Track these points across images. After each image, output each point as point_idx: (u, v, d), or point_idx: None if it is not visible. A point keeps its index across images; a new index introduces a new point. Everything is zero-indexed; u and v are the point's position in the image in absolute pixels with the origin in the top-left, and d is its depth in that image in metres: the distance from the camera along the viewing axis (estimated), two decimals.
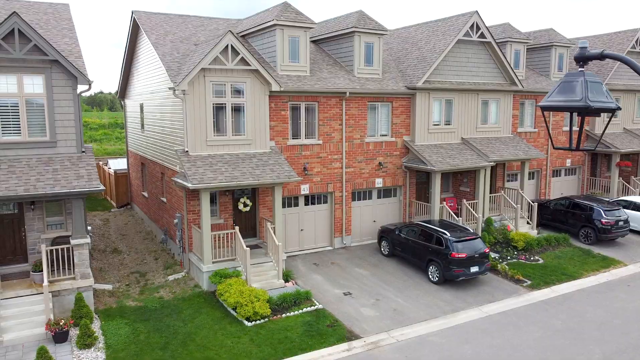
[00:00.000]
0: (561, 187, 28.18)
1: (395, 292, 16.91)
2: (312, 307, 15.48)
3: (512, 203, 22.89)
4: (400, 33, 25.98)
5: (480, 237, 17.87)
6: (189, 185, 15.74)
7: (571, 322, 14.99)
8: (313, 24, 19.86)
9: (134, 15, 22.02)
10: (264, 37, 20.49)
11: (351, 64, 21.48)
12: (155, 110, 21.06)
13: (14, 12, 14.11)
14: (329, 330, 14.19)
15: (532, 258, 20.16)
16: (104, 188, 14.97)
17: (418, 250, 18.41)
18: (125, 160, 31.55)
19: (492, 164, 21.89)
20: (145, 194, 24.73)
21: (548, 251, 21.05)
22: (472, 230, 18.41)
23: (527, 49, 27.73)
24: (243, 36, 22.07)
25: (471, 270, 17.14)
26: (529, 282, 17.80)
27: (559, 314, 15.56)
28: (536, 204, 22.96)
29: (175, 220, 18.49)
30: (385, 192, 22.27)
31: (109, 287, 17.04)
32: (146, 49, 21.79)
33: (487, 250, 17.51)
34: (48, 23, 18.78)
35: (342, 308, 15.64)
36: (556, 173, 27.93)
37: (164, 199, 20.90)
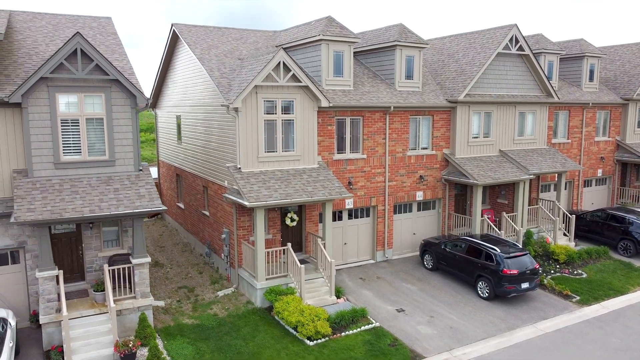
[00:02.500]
0: (592, 197, 28.25)
1: (447, 308, 16.96)
2: (370, 325, 15.53)
3: (551, 215, 22.95)
4: (434, 44, 26.02)
5: (528, 252, 17.93)
6: (246, 203, 15.78)
7: (630, 341, 15.05)
8: (357, 39, 19.90)
9: (173, 27, 22.06)
10: (306, 51, 20.53)
11: (391, 77, 21.52)
12: (198, 124, 21.10)
13: (77, 32, 14.14)
14: (392, 350, 14.24)
15: (575, 272, 20.23)
16: (166, 208, 15.01)
17: (465, 266, 18.46)
18: (155, 169, 31.59)
19: (532, 177, 21.96)
20: (181, 205, 24.76)
21: (589, 264, 21.12)
22: (519, 246, 18.46)
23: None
24: (284, 49, 22.06)
25: (522, 287, 17.20)
26: (578, 298, 17.86)
27: (615, 331, 15.62)
28: (574, 216, 23.03)
29: (223, 236, 18.53)
30: (425, 205, 22.33)
31: (161, 303, 17.09)
32: (186, 62, 21.82)
33: (537, 267, 17.57)
34: (95, 38, 18.81)
35: (398, 325, 15.69)
36: (587, 183, 28.00)
37: (206, 213, 20.93)
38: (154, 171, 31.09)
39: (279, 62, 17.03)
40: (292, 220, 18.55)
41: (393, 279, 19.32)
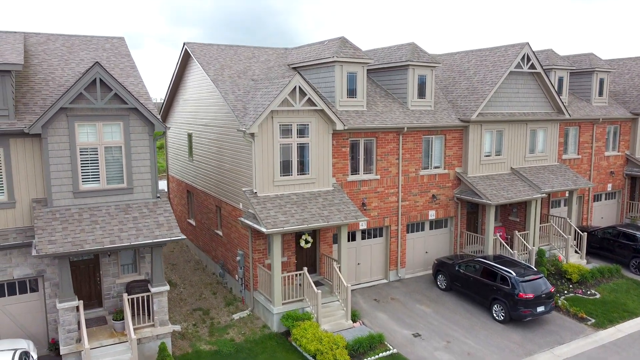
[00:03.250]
0: (601, 211, 28.27)
1: (463, 332, 16.98)
2: (388, 352, 15.56)
3: (563, 234, 22.97)
4: (444, 60, 26.04)
5: (543, 275, 17.95)
6: (264, 230, 15.80)
7: None
8: (370, 60, 19.92)
9: (186, 46, 22.07)
10: (319, 70, 20.55)
11: (404, 96, 21.55)
12: (210, 144, 21.12)
13: (96, 62, 14.16)
14: None
15: (588, 292, 20.25)
16: (185, 237, 15.04)
17: (480, 288, 18.48)
18: (164, 182, 31.60)
19: (544, 195, 21.98)
20: (192, 222, 24.78)
21: (602, 283, 21.14)
22: (533, 268, 18.49)
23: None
24: (294, 68, 22.14)
25: (537, 310, 17.22)
26: (593, 321, 17.89)
27: (632, 357, 15.64)
28: (586, 234, 23.05)
29: (238, 258, 18.55)
30: (437, 223, 22.35)
31: (178, 328, 17.10)
32: (199, 81, 21.83)
33: (553, 290, 17.59)
34: (109, 61, 18.84)
35: (416, 352, 15.71)
36: (597, 198, 28.02)
37: (219, 232, 20.95)
38: (162, 184, 31.10)
39: (295, 87, 17.04)
40: (307, 242, 18.57)
41: (407, 300, 19.35)
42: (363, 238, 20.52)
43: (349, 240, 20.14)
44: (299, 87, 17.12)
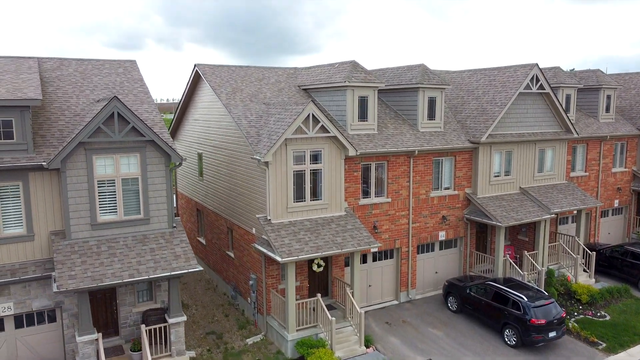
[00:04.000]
0: (609, 227, 28.40)
1: (476, 357, 17.10)
2: None
3: (572, 253, 23.11)
4: (452, 78, 26.16)
5: (554, 301, 18.09)
6: (279, 259, 15.94)
7: None
8: (381, 84, 20.05)
9: (197, 68, 22.19)
10: (331, 94, 20.69)
11: (414, 118, 21.68)
12: (221, 166, 21.25)
13: (115, 96, 14.29)
14: None
15: (598, 313, 20.39)
16: (202, 269, 15.18)
17: (491, 312, 18.62)
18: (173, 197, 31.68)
19: (553, 216, 22.12)
20: (202, 240, 24.92)
21: (612, 304, 21.27)
22: (545, 293, 18.62)
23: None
24: (305, 89, 22.28)
25: (549, 336, 17.35)
26: (604, 345, 18.02)
27: None
28: (594, 253, 23.19)
29: (251, 282, 18.69)
30: (447, 243, 22.49)
31: (193, 354, 17.23)
32: (209, 102, 21.94)
33: (564, 315, 17.73)
34: (123, 86, 18.97)
35: None
36: (604, 214, 28.15)
37: (231, 254, 21.09)
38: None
39: (308, 115, 17.18)
40: (319, 266, 18.67)
41: (419, 323, 19.48)
42: (374, 260, 20.66)
43: (360, 263, 20.21)
44: (312, 114, 17.25)
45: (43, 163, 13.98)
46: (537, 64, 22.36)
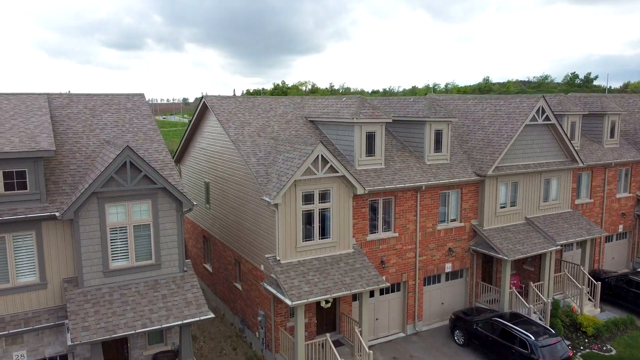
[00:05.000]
0: (613, 252, 28.53)
1: None
2: None
3: (577, 284, 23.23)
4: (457, 105, 26.27)
5: (562, 339, 18.21)
6: (289, 302, 16.06)
7: None
8: (389, 119, 20.17)
9: (204, 100, 22.31)
10: (338, 127, 20.82)
11: (420, 150, 21.80)
12: (229, 198, 21.35)
13: (127, 146, 14.40)
14: None
15: (604, 347, 20.52)
16: (214, 315, 15.30)
17: (499, 349, 18.74)
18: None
19: (559, 247, 22.24)
20: (209, 267, 25.04)
21: (617, 336, 21.40)
22: (552, 331, 18.74)
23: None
24: (312, 121, 22.40)
25: None
26: None
27: None
28: (599, 283, 23.32)
29: (259, 318, 18.81)
30: (453, 274, 22.62)
31: None
32: (217, 134, 22.01)
33: (571, 354, 17.85)
34: (132, 123, 19.07)
35: None
36: (608, 238, 28.26)
37: (239, 286, 21.21)
38: None
39: (318, 156, 17.29)
40: (327, 302, 18.76)
41: (426, 358, 19.59)
42: (382, 294, 20.77)
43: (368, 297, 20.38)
44: (322, 155, 17.37)
45: (56, 214, 14.09)
46: (543, 96, 22.48)
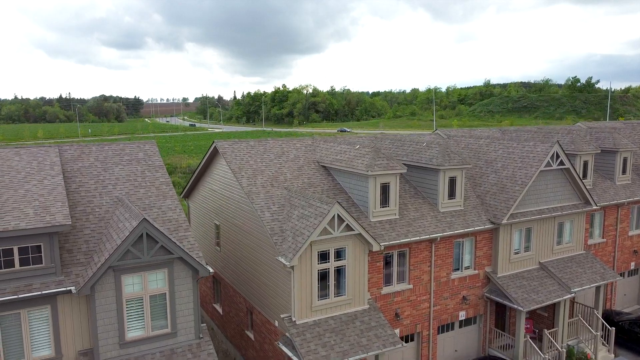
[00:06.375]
0: (624, 288, 28.35)
1: None
2: None
3: (592, 330, 23.05)
4: (468, 144, 26.05)
5: None
6: None
7: None
8: (403, 169, 19.96)
9: (216, 145, 22.09)
10: (350, 176, 20.62)
11: (434, 196, 21.60)
12: (242, 248, 21.13)
13: (144, 218, 14.19)
14: None
15: None
16: None
17: None
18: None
19: (573, 295, 22.05)
20: (219, 309, 24.84)
21: None
22: None
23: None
24: (324, 166, 22.18)
25: None
26: None
27: None
28: (613, 329, 23.15)
29: None
30: (466, 321, 22.42)
31: None
32: (228, 179, 21.76)
33: None
34: (144, 177, 18.83)
35: None
36: (620, 275, 28.08)
37: (251, 336, 21.01)
38: None
39: (334, 215, 17.09)
40: None
41: None
42: None
43: None
44: (338, 214, 17.16)
45: (72, 289, 13.88)
46: (557, 142, 22.28)
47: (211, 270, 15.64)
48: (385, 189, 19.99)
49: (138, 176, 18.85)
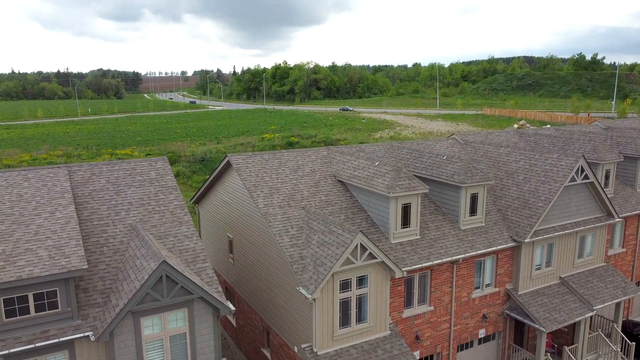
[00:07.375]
0: None
1: None
2: None
3: (612, 345, 22.74)
4: (488, 152, 25.29)
5: None
6: None
7: None
8: (425, 189, 19.28)
9: (229, 160, 21.35)
10: (370, 196, 19.97)
11: (455, 212, 20.98)
12: (259, 268, 20.59)
13: (163, 260, 13.58)
14: None
15: None
16: None
17: None
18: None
19: (594, 313, 21.65)
20: (232, 321, 24.49)
21: None
22: None
23: None
24: (341, 181, 21.49)
25: None
26: None
27: None
28: (634, 344, 22.84)
29: None
30: (485, 338, 22.08)
31: None
32: (243, 195, 21.08)
33: None
34: (158, 200, 18.16)
35: None
36: (637, 284, 27.69)
37: (267, 354, 20.68)
38: None
39: (357, 245, 16.49)
40: None
41: None
42: None
43: None
44: (361, 243, 16.57)
45: (90, 334, 13.38)
46: (582, 156, 21.53)
47: (232, 308, 15.13)
48: (406, 209, 19.35)
49: (152, 199, 18.17)
